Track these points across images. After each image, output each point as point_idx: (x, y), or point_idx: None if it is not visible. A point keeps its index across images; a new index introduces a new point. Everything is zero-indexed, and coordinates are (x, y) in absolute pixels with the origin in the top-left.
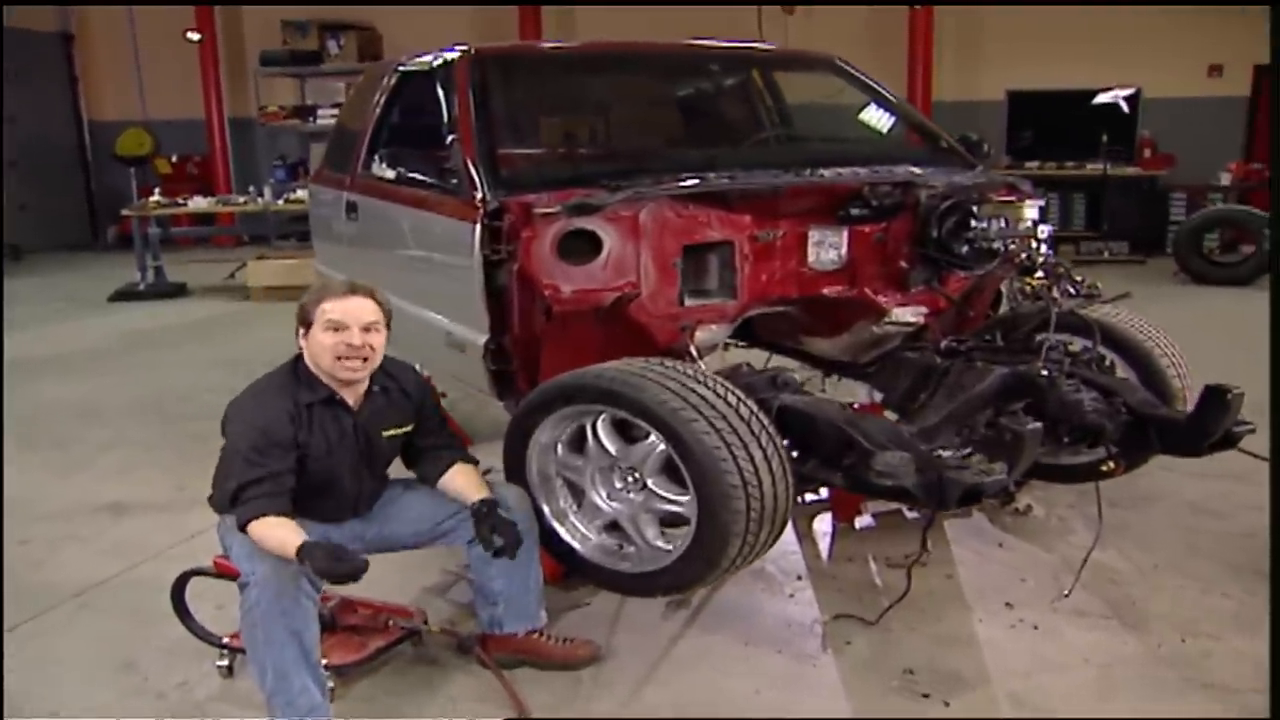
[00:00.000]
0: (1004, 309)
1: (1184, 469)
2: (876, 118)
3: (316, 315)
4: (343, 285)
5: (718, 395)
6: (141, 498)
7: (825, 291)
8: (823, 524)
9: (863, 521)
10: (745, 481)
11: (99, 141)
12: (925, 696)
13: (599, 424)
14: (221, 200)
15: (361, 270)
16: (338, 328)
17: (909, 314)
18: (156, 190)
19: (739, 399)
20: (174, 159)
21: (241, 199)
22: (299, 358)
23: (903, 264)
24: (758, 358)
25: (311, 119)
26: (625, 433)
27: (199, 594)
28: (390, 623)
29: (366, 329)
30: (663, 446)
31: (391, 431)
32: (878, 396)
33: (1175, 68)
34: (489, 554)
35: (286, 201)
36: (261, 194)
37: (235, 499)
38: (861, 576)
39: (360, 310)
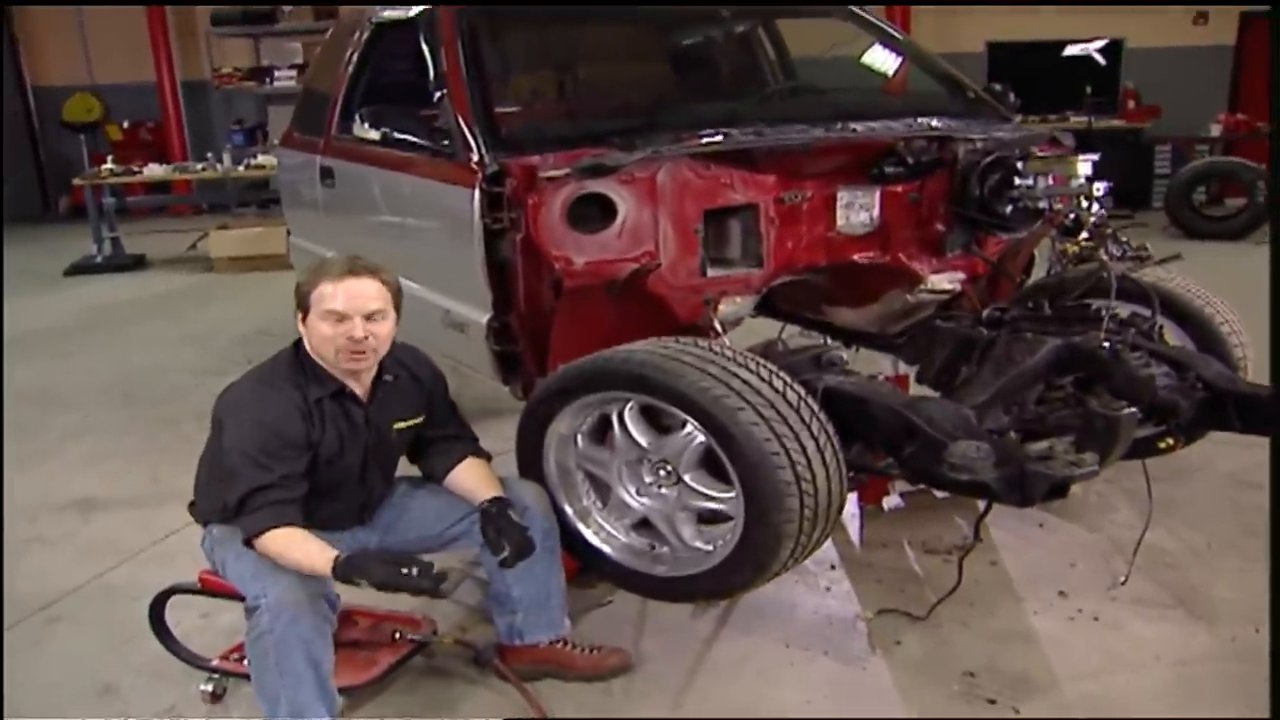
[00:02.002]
0: (1042, 273)
1: (1214, 437)
2: (896, 68)
3: (313, 301)
4: (341, 265)
5: (763, 379)
6: (111, 492)
7: (855, 258)
8: (849, 505)
9: (891, 502)
10: (798, 477)
11: (45, 108)
12: (991, 702)
13: (626, 413)
14: (179, 168)
15: (342, 242)
16: (339, 318)
17: (945, 281)
18: (109, 158)
19: (786, 383)
20: (125, 125)
21: (199, 166)
22: (300, 344)
23: (939, 226)
24: (770, 328)
25: (268, 81)
26: (655, 421)
27: (180, 603)
28: (397, 634)
29: (370, 317)
30: (701, 438)
31: (401, 424)
32: (903, 368)
33: (1160, 16)
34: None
35: (246, 168)
36: (220, 160)
37: (241, 508)
38: (899, 564)
39: (362, 296)
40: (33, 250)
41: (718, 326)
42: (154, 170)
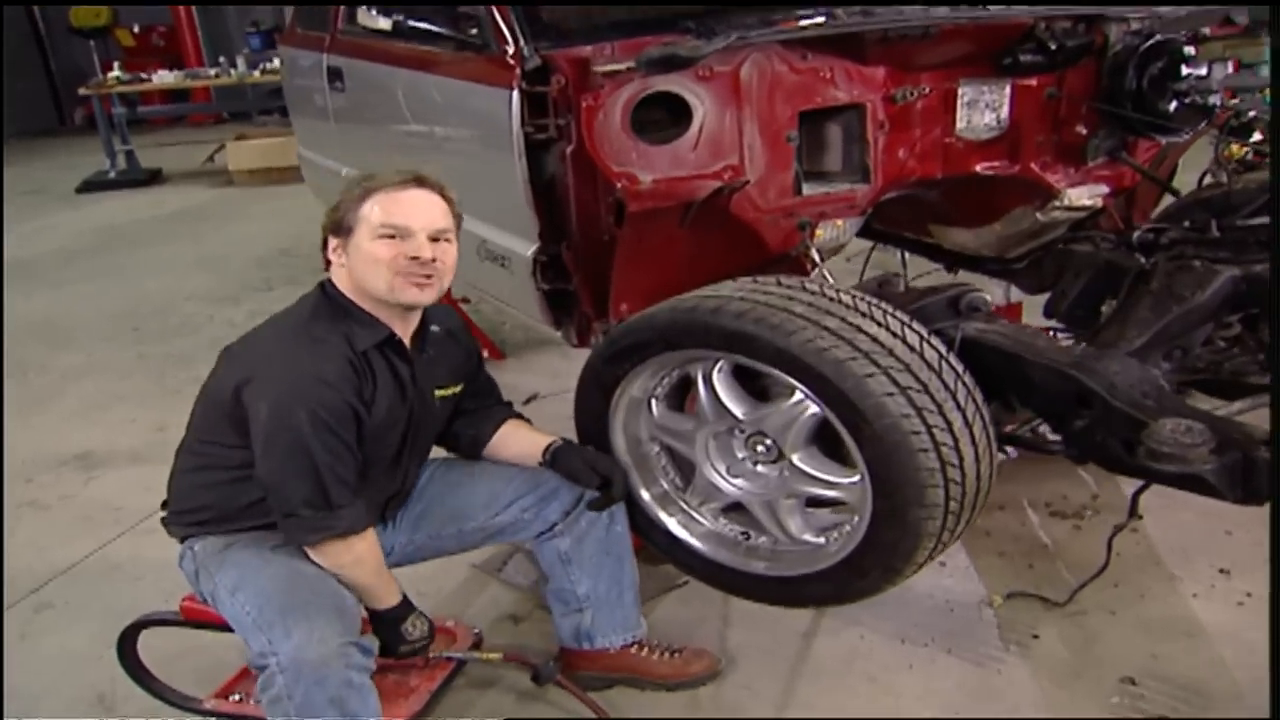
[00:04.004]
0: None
1: None
2: None
3: (360, 218)
4: (402, 174)
5: (894, 335)
6: (115, 444)
7: (978, 168)
8: None
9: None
10: (944, 462)
11: (51, 14)
12: None
13: (715, 374)
14: (190, 74)
15: (356, 156)
16: (401, 234)
17: (1085, 195)
18: (116, 65)
19: (922, 338)
20: (136, 30)
21: (212, 72)
22: (326, 286)
23: (1080, 129)
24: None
25: None
26: (750, 382)
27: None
28: (432, 655)
29: (436, 238)
30: (815, 409)
31: (443, 391)
32: (1015, 295)
33: None
34: (583, 504)
35: (263, 73)
36: (234, 65)
37: (319, 504)
38: (1022, 531)
39: (429, 210)
40: (47, 165)
41: (815, 256)
42: (164, 77)
